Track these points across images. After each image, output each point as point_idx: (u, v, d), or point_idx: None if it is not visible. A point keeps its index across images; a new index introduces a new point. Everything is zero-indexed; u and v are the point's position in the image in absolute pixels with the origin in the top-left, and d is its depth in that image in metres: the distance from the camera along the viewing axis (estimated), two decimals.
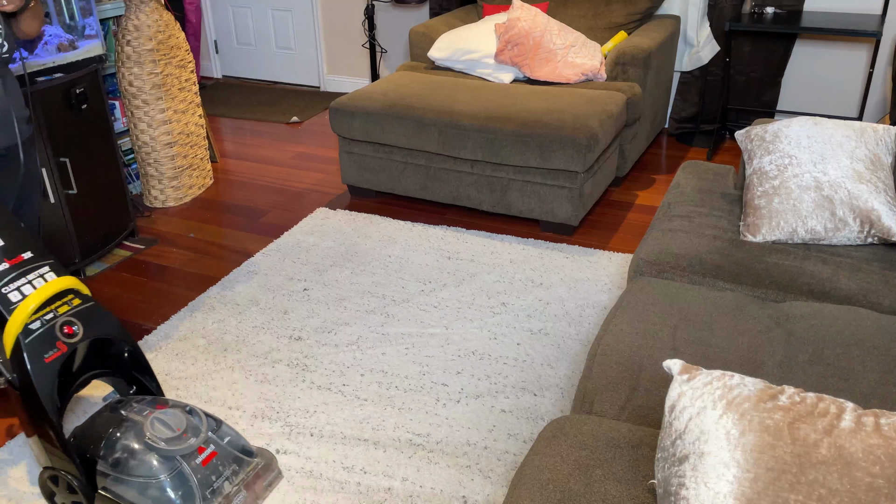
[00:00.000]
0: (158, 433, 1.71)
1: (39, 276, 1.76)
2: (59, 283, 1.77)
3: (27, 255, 1.78)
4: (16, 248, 1.77)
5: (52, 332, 1.72)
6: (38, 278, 1.76)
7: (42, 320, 1.72)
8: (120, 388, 1.98)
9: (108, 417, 1.78)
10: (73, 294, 1.81)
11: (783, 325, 1.70)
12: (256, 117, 4.83)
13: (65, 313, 1.76)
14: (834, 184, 2.00)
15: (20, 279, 1.73)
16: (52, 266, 1.80)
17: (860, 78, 3.88)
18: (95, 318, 1.82)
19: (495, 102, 3.21)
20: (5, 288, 1.70)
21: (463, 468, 1.99)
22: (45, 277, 1.77)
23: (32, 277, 1.75)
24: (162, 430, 1.72)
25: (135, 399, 1.83)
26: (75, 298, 1.80)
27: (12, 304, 1.70)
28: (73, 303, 1.79)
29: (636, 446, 1.34)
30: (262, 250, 3.14)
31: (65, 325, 1.75)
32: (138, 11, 3.28)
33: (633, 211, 3.43)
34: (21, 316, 1.68)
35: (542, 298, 2.73)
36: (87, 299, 1.83)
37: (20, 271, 1.74)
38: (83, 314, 1.80)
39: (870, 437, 0.98)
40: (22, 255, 1.77)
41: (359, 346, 2.50)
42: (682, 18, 4.06)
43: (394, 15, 4.95)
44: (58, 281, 1.77)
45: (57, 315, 1.75)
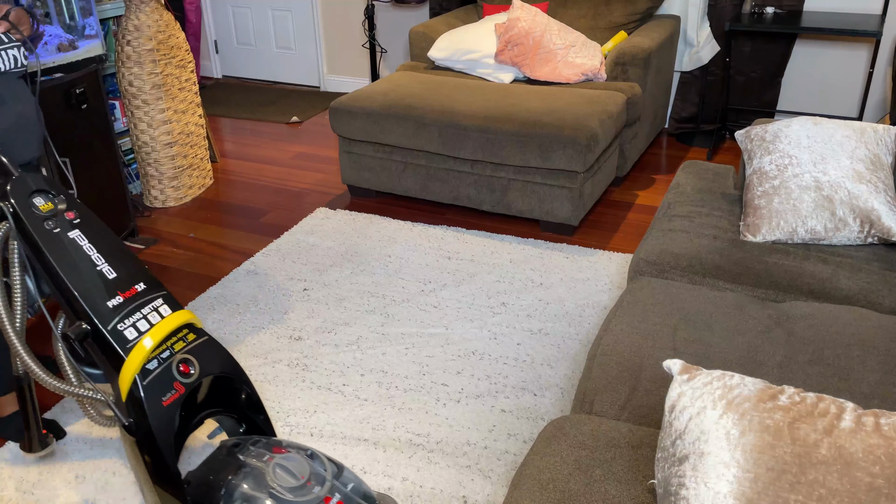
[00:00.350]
0: (282, 482, 1.53)
1: (154, 309, 1.63)
2: (176, 318, 1.63)
3: (140, 287, 1.64)
4: (129, 280, 1.63)
5: (169, 371, 1.58)
6: (152, 312, 1.62)
7: (159, 359, 1.58)
8: (228, 425, 1.80)
9: (225, 462, 1.59)
10: (188, 328, 1.66)
11: (783, 325, 1.70)
12: (256, 117, 4.83)
13: (181, 350, 1.61)
14: (834, 184, 2.00)
15: (135, 314, 1.60)
16: (165, 298, 1.66)
17: (860, 78, 3.88)
18: (211, 353, 1.67)
19: (495, 102, 3.21)
20: (121, 325, 1.57)
21: (463, 468, 1.99)
22: (160, 311, 1.63)
23: (147, 312, 1.61)
24: (285, 477, 1.54)
25: (251, 441, 1.64)
26: (190, 333, 1.66)
27: (129, 342, 1.56)
28: (188, 338, 1.65)
29: (636, 446, 1.34)
30: (262, 250, 3.14)
31: (181, 364, 1.60)
32: (138, 11, 3.28)
33: (633, 211, 3.43)
34: (140, 356, 1.55)
35: (542, 298, 2.73)
36: (202, 333, 1.68)
37: (134, 305, 1.61)
38: (199, 350, 1.65)
39: (870, 437, 0.98)
40: (135, 286, 1.63)
41: (359, 346, 2.50)
42: (682, 18, 4.06)
43: (394, 15, 4.95)
44: (175, 316, 1.63)
45: (173, 352, 1.60)
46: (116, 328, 1.56)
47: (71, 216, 1.66)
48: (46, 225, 1.62)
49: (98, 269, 1.62)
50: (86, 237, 1.66)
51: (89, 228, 1.67)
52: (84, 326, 1.55)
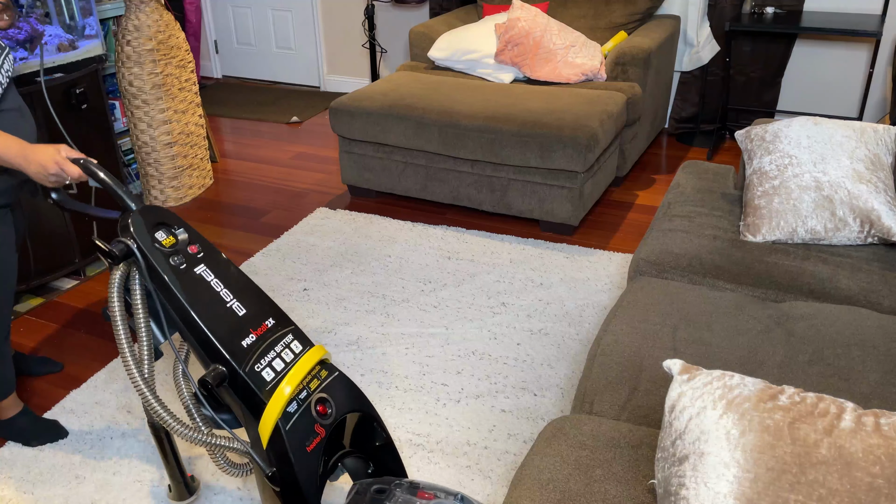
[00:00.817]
0: None
1: (286, 346, 1.52)
2: (312, 356, 1.53)
3: (270, 323, 1.54)
4: (259, 316, 1.53)
5: (308, 414, 1.47)
6: (285, 349, 1.52)
7: (297, 400, 1.47)
8: (354, 467, 1.68)
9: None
10: (320, 364, 1.56)
11: (783, 325, 1.70)
12: (256, 117, 4.83)
13: (317, 389, 1.51)
14: (834, 184, 2.00)
15: (269, 352, 1.49)
16: (294, 333, 1.56)
17: (860, 78, 3.88)
18: (344, 390, 1.57)
19: (495, 102, 3.21)
20: (257, 365, 1.46)
21: (463, 468, 1.99)
22: (293, 348, 1.53)
23: (280, 349, 1.51)
24: None
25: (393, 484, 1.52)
26: (322, 369, 1.56)
27: (267, 384, 1.45)
28: (322, 374, 1.54)
29: (636, 446, 1.34)
30: (262, 250, 3.14)
31: (318, 404, 1.50)
32: (138, 11, 3.28)
33: (633, 211, 3.43)
34: (281, 400, 1.44)
35: (542, 298, 2.73)
36: (333, 369, 1.59)
37: (267, 343, 1.50)
38: (332, 387, 1.55)
39: (870, 437, 0.98)
40: (265, 322, 1.53)
41: (359, 346, 2.50)
42: (682, 18, 4.06)
43: (394, 15, 4.95)
44: (311, 354, 1.53)
45: (310, 392, 1.50)
46: (253, 369, 1.45)
47: (194, 250, 1.56)
48: (172, 261, 1.51)
49: (228, 306, 1.52)
50: (212, 272, 1.55)
51: (214, 262, 1.57)
52: (221, 369, 1.44)
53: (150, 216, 1.55)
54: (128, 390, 2.33)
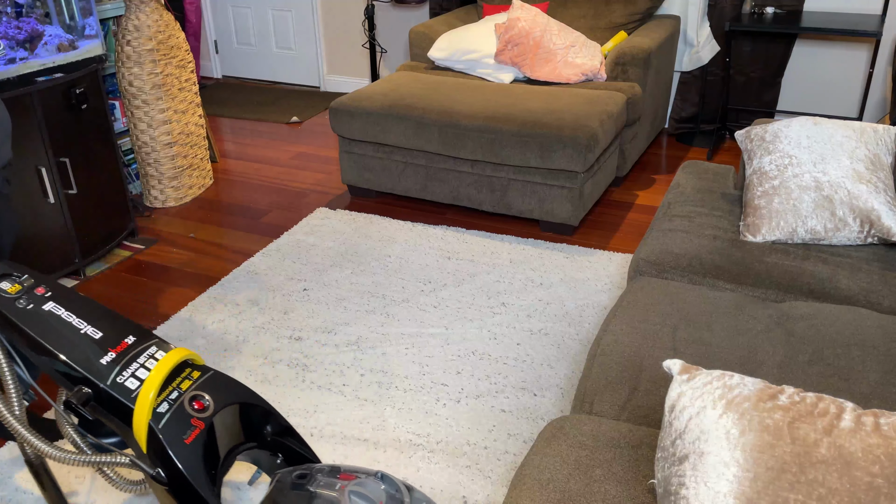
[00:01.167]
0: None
1: (149, 356, 1.60)
2: (172, 356, 1.61)
3: (130, 340, 1.63)
4: (117, 336, 1.61)
5: (182, 410, 1.54)
6: (149, 359, 1.59)
7: (168, 401, 1.54)
8: (264, 460, 1.73)
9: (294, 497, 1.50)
10: (189, 366, 1.64)
11: (783, 325, 1.70)
12: (256, 117, 4.83)
13: (189, 388, 1.58)
14: (834, 184, 2.00)
15: (131, 364, 1.58)
16: (158, 344, 1.64)
17: (860, 78, 3.88)
18: (221, 385, 1.64)
19: (495, 102, 3.21)
20: (120, 377, 1.54)
21: (463, 468, 1.99)
22: (156, 357, 1.61)
23: (144, 360, 1.59)
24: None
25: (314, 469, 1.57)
26: (193, 371, 1.63)
27: (132, 391, 1.53)
28: (193, 375, 1.62)
29: (636, 446, 1.34)
30: (262, 250, 3.14)
31: (194, 401, 1.57)
32: (138, 11, 3.28)
33: (633, 211, 3.43)
34: (146, 400, 1.51)
35: (542, 298, 2.73)
36: (205, 369, 1.66)
37: (129, 357, 1.58)
38: (207, 384, 1.61)
39: (869, 436, 0.98)
40: (125, 340, 1.62)
41: (359, 346, 2.50)
42: (682, 18, 4.06)
43: (394, 15, 4.95)
44: (171, 354, 1.61)
45: (182, 392, 1.57)
46: (116, 381, 1.53)
47: (41, 291, 1.65)
48: (18, 304, 1.60)
49: (83, 333, 1.60)
50: (62, 306, 1.63)
51: (63, 298, 1.65)
52: (85, 390, 1.52)
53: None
54: None
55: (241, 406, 1.66)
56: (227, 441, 1.63)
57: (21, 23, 2.61)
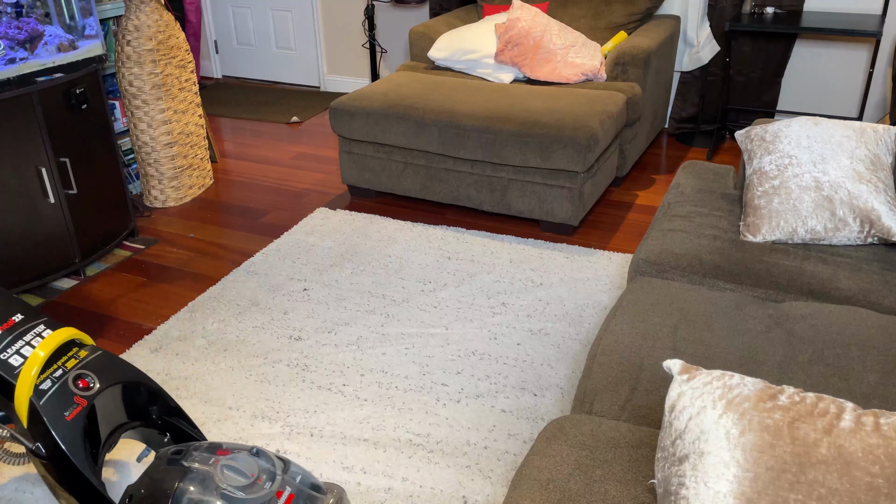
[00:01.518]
0: (231, 482, 1.49)
1: (36, 335, 1.62)
2: (58, 334, 1.63)
3: (18, 318, 1.64)
4: (3, 314, 1.64)
5: (65, 388, 1.58)
6: (35, 338, 1.62)
7: (52, 378, 1.58)
8: (153, 439, 1.77)
9: (169, 471, 1.53)
10: (77, 346, 1.67)
11: (783, 325, 1.70)
12: (256, 117, 4.83)
13: (74, 367, 1.62)
14: (834, 184, 2.00)
15: (17, 342, 1.59)
16: (46, 323, 1.66)
17: (860, 78, 3.88)
18: (108, 365, 1.67)
19: (495, 102, 3.21)
20: (3, 354, 1.56)
21: (463, 468, 1.99)
22: (43, 335, 1.63)
23: (30, 338, 1.61)
24: (235, 477, 1.50)
25: (191, 446, 1.60)
26: (81, 350, 1.66)
27: (16, 368, 1.55)
28: (80, 354, 1.65)
29: (636, 446, 1.34)
30: (262, 250, 3.14)
31: (78, 379, 1.60)
32: (138, 11, 3.28)
33: (633, 211, 3.43)
34: (28, 377, 1.54)
35: (542, 298, 2.73)
36: (94, 349, 1.69)
37: (14, 335, 1.61)
38: (94, 364, 1.65)
39: (869, 436, 0.98)
40: (12, 318, 1.64)
41: (359, 346, 2.50)
42: (682, 18, 4.06)
43: (394, 15, 4.95)
44: (57, 333, 1.63)
45: (66, 370, 1.60)
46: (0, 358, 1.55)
47: None
48: None
49: None
50: None
51: None
52: None
53: None
54: None
55: (129, 385, 1.68)
56: (110, 419, 1.66)
57: (21, 23, 2.61)
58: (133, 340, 2.60)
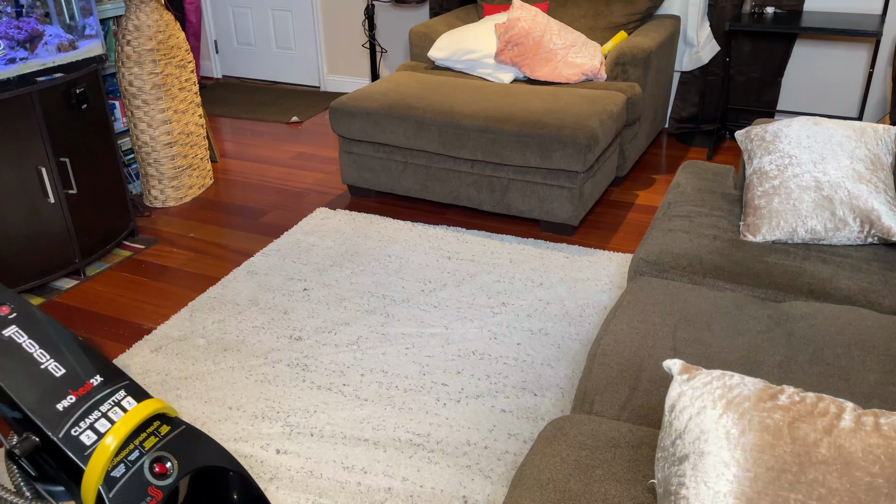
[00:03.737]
0: None
1: (115, 404, 1.40)
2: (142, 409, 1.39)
3: (96, 381, 1.42)
4: (81, 375, 1.42)
5: (140, 476, 1.36)
6: (113, 408, 1.39)
7: (126, 462, 1.35)
8: None
9: None
10: (160, 420, 1.45)
11: (783, 325, 1.70)
12: (256, 117, 4.83)
13: (152, 447, 1.39)
14: (834, 184, 2.00)
15: (92, 413, 1.37)
16: (128, 389, 1.44)
17: (860, 78, 3.88)
18: (191, 445, 1.44)
19: (495, 102, 3.21)
20: (75, 429, 1.34)
21: (463, 468, 1.99)
22: (123, 405, 1.41)
23: (107, 408, 1.39)
24: None
25: None
26: (162, 425, 1.44)
27: (87, 448, 1.33)
28: (161, 431, 1.42)
29: (636, 446, 1.34)
30: (262, 250, 3.14)
31: (155, 464, 1.38)
32: (138, 11, 3.28)
33: (633, 211, 3.43)
34: (100, 463, 1.32)
35: (542, 298, 2.73)
36: (177, 423, 1.47)
37: (90, 403, 1.38)
38: (175, 444, 1.42)
39: (869, 436, 0.98)
40: (90, 381, 1.41)
41: (359, 346, 2.50)
42: (682, 18, 4.06)
43: (394, 15, 4.95)
44: (139, 408, 1.40)
45: (143, 451, 1.38)
46: (70, 434, 1.33)
47: (5, 311, 1.45)
48: None
49: (43, 368, 1.40)
50: (25, 333, 1.44)
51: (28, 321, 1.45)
52: (32, 438, 1.32)
53: None
54: None
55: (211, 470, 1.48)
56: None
57: (21, 23, 2.61)
58: (133, 340, 2.60)
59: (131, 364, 2.45)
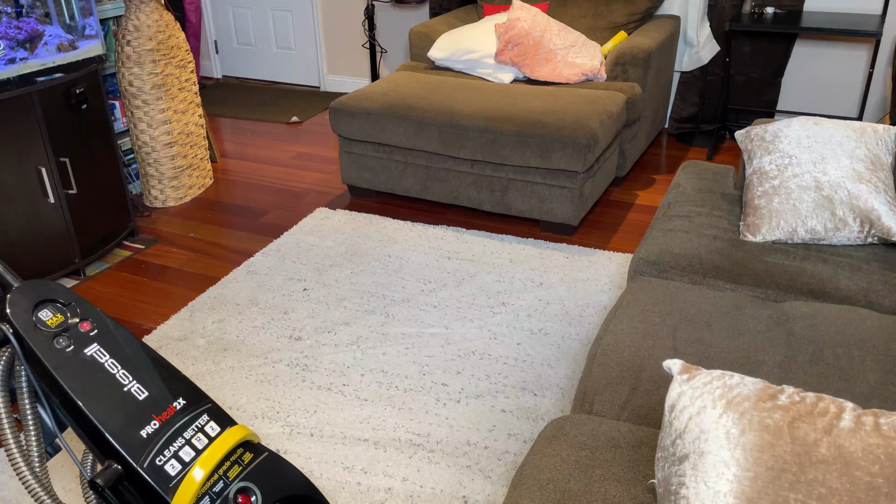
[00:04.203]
0: None
1: (199, 430, 1.34)
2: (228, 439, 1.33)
3: (179, 405, 1.37)
4: (165, 398, 1.36)
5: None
6: (197, 434, 1.34)
7: (211, 494, 1.29)
8: None
9: None
10: (243, 447, 1.40)
11: (783, 325, 1.70)
12: (256, 117, 4.83)
13: (237, 476, 1.33)
14: (834, 184, 2.00)
15: (176, 440, 1.31)
16: (210, 413, 1.37)
17: (860, 78, 3.88)
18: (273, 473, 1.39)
19: (495, 102, 3.21)
20: (160, 458, 1.27)
21: (463, 468, 1.99)
22: (207, 431, 1.34)
23: (191, 435, 1.33)
24: None
25: None
26: (246, 452, 1.39)
27: (172, 479, 1.27)
28: (245, 458, 1.36)
29: (636, 446, 1.34)
30: (262, 250, 3.14)
31: (240, 495, 1.34)
32: (138, 11, 3.28)
33: (633, 211, 3.43)
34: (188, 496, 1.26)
35: (542, 298, 2.73)
36: (260, 450, 1.40)
37: (174, 429, 1.32)
38: (258, 472, 1.36)
39: (869, 436, 0.98)
40: (173, 405, 1.36)
41: (359, 346, 2.50)
42: (682, 18, 4.06)
43: (394, 15, 4.95)
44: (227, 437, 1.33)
45: (228, 482, 1.32)
46: (154, 463, 1.27)
47: (86, 328, 1.37)
48: (57, 344, 1.32)
49: (126, 390, 1.33)
50: (107, 352, 1.37)
51: (110, 339, 1.38)
52: (115, 467, 1.26)
53: (32, 293, 1.35)
54: None
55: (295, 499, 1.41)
56: None
57: (21, 23, 2.61)
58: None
59: None
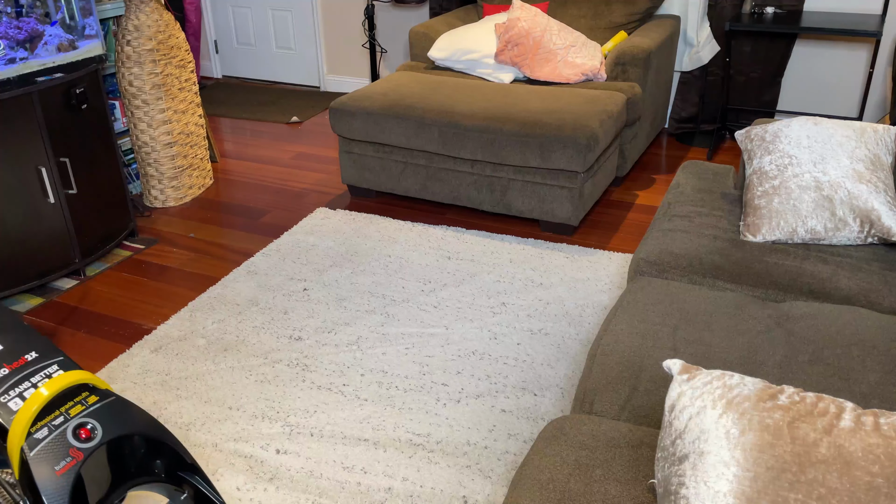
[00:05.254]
0: None
1: (45, 376, 1.49)
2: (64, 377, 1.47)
3: (31, 356, 1.51)
4: (16, 352, 1.52)
5: (63, 438, 1.42)
6: (43, 379, 1.48)
7: (50, 426, 1.43)
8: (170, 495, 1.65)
9: None
10: (88, 391, 1.51)
11: (783, 325, 1.70)
12: (256, 117, 4.83)
13: (78, 414, 1.46)
14: (834, 184, 2.00)
15: (23, 383, 1.46)
16: (60, 363, 1.52)
17: (860, 78, 3.88)
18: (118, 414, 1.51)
19: (495, 102, 3.21)
20: (4, 397, 1.44)
21: (463, 468, 1.99)
22: (52, 376, 1.49)
23: (37, 379, 1.48)
24: None
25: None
26: (91, 395, 1.50)
27: (13, 412, 1.43)
28: (89, 401, 1.49)
29: (636, 446, 1.34)
30: (261, 250, 3.14)
31: (79, 428, 1.45)
32: (138, 11, 3.28)
33: (633, 211, 3.43)
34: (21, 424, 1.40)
35: (542, 298, 2.73)
36: (106, 394, 1.54)
37: (22, 375, 1.48)
38: (102, 412, 1.49)
39: (869, 436, 0.98)
40: (25, 356, 1.51)
41: (359, 346, 2.50)
42: (682, 18, 4.06)
43: (394, 15, 4.95)
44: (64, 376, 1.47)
45: (68, 418, 1.45)
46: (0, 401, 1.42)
47: None
48: None
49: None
50: None
51: None
52: None
53: None
54: (124, 392, 2.33)
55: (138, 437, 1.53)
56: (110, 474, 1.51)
57: (21, 23, 2.61)
58: (133, 340, 2.60)
59: (131, 364, 2.45)
